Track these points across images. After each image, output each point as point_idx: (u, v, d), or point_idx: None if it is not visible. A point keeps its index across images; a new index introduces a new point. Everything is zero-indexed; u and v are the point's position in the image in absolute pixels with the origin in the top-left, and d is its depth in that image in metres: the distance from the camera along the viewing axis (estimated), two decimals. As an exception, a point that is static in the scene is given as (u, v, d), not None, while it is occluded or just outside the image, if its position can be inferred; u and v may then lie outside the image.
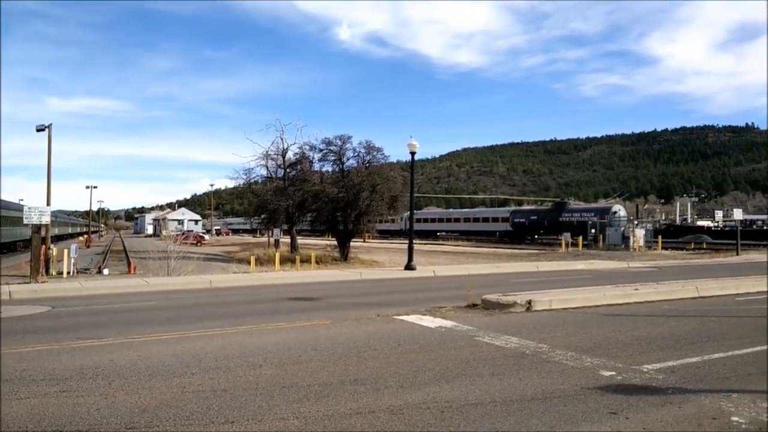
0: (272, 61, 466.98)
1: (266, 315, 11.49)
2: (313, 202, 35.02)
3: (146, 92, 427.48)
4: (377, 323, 10.14)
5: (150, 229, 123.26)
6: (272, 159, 38.81)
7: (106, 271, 24.78)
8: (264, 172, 39.84)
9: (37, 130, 27.45)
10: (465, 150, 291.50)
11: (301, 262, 27.74)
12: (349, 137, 34.96)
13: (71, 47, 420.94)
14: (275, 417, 4.94)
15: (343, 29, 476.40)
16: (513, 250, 45.00)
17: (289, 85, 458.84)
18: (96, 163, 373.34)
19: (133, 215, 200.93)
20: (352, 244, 36.07)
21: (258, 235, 75.39)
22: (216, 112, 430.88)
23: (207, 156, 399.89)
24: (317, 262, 28.81)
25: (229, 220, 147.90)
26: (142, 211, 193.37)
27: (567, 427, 4.69)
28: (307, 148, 36.95)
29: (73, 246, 26.38)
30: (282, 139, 38.19)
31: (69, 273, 23.34)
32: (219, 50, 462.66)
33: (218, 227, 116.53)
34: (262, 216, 39.90)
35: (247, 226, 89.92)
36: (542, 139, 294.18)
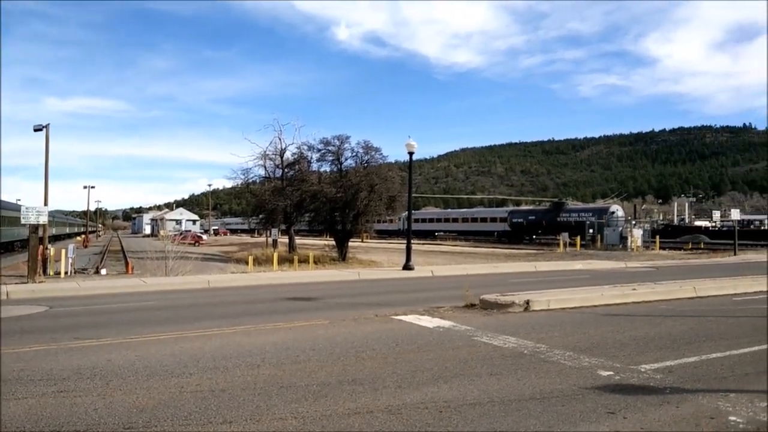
0: (271, 61, 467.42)
1: (264, 315, 11.48)
2: (311, 202, 35.00)
3: (145, 92, 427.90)
4: (375, 323, 10.14)
5: (148, 229, 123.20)
6: (270, 159, 38.84)
7: (103, 271, 24.75)
8: (262, 172, 39.93)
9: (35, 130, 27.44)
10: (463, 150, 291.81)
11: (299, 262, 27.72)
12: (348, 137, 35.02)
13: (70, 47, 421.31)
14: (273, 417, 4.94)
15: (341, 29, 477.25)
16: (511, 250, 45.02)
17: (288, 85, 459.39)
18: (94, 163, 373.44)
19: (131, 215, 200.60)
20: (350, 244, 36.05)
21: (256, 235, 75.33)
22: (215, 112, 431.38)
23: (205, 156, 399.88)
24: (315, 262, 28.80)
25: (227, 220, 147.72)
26: (139, 211, 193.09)
27: (565, 427, 4.69)
28: (305, 148, 36.99)
29: (71, 246, 26.34)
30: (280, 139, 38.21)
31: (66, 273, 23.30)
32: (218, 50, 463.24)
33: (216, 227, 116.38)
34: (260, 216, 39.89)
35: (245, 226, 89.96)
36: (540, 140, 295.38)
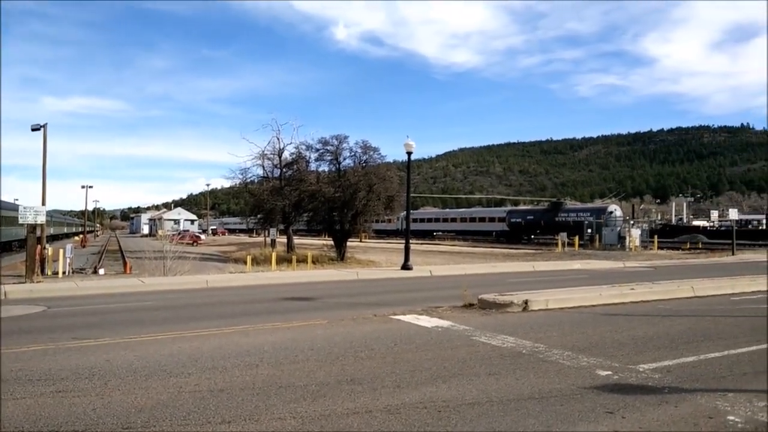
0: (269, 60, 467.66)
1: (263, 315, 11.46)
2: (309, 202, 34.97)
3: (143, 92, 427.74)
4: (374, 323, 10.14)
5: (146, 229, 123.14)
6: (269, 159, 38.79)
7: (101, 271, 24.70)
8: (260, 171, 39.85)
9: (32, 130, 27.35)
10: (461, 150, 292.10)
11: (298, 261, 27.71)
12: (346, 137, 34.96)
13: (68, 47, 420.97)
14: (272, 417, 4.94)
15: (339, 29, 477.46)
16: (509, 250, 45.05)
17: (286, 85, 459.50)
18: (92, 163, 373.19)
19: (129, 215, 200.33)
20: (348, 243, 36.01)
21: (254, 235, 75.31)
22: (213, 111, 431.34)
23: (203, 156, 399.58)
24: (314, 262, 28.78)
25: (225, 219, 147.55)
26: (137, 210, 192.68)
27: (564, 427, 4.69)
28: (304, 147, 36.93)
29: (69, 246, 26.29)
30: (278, 139, 38.14)
31: (64, 273, 23.26)
32: (216, 50, 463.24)
33: (214, 227, 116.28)
34: (259, 216, 39.84)
35: (244, 226, 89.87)
36: (539, 139, 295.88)
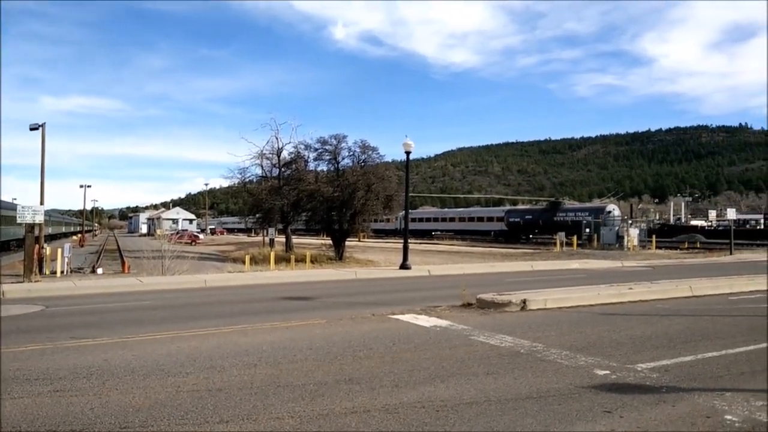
0: (268, 60, 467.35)
1: (261, 314, 11.46)
2: (308, 202, 34.95)
3: (141, 91, 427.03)
4: (372, 322, 10.14)
5: (144, 229, 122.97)
6: (267, 158, 38.73)
7: (100, 271, 24.66)
8: (259, 171, 39.80)
9: (31, 129, 27.31)
10: (460, 150, 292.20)
11: (296, 261, 27.70)
12: (345, 136, 34.94)
13: (67, 46, 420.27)
14: (270, 416, 4.94)
15: (338, 28, 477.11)
16: (508, 250, 45.08)
17: (285, 84, 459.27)
18: (90, 162, 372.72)
19: (127, 214, 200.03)
20: (347, 243, 36.00)
21: (253, 235, 75.28)
22: (211, 111, 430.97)
23: (202, 155, 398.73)
24: (312, 262, 28.77)
25: (224, 219, 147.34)
26: (136, 210, 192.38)
27: (562, 426, 4.70)
28: (302, 147, 36.88)
29: (67, 245, 26.23)
30: (277, 139, 38.08)
31: (63, 272, 23.20)
32: (215, 49, 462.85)
33: (213, 226, 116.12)
34: (257, 215, 39.79)
35: (242, 226, 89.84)
36: (537, 139, 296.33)
